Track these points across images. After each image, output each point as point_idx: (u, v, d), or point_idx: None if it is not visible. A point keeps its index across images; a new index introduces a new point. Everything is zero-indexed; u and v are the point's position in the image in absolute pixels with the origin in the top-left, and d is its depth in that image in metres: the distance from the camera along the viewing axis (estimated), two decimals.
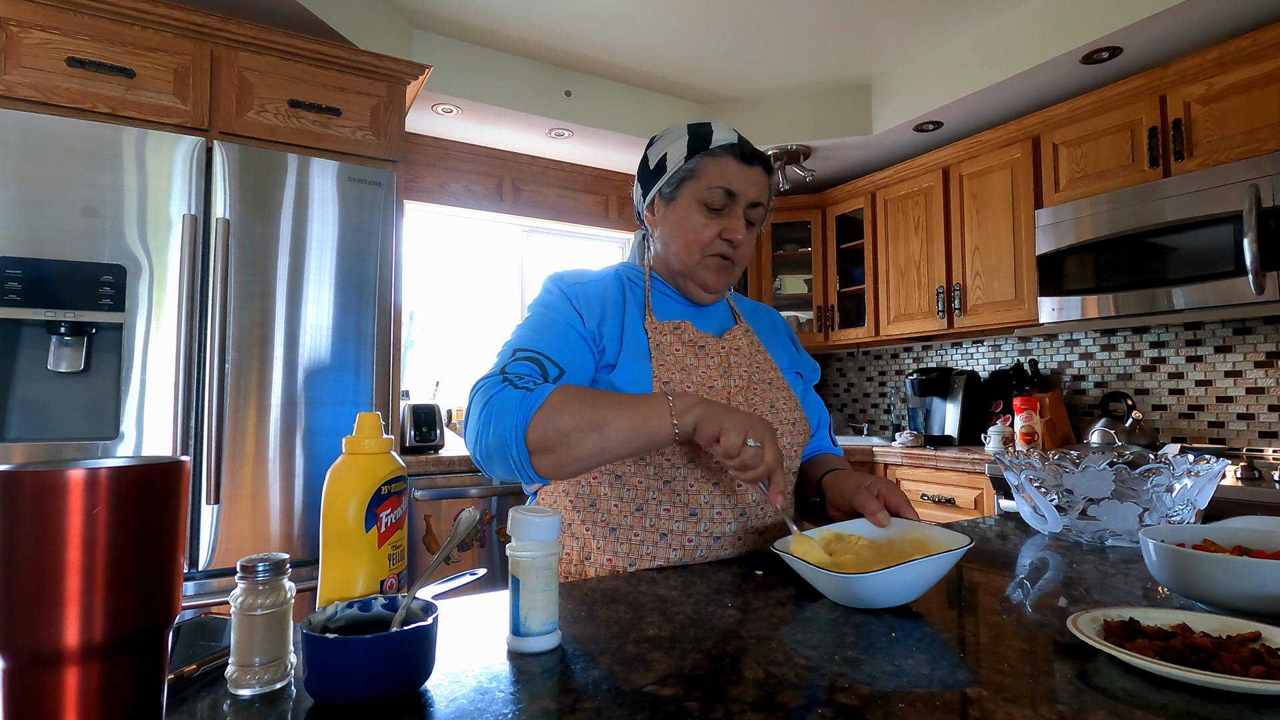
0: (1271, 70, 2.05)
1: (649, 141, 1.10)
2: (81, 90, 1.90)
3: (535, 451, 0.85)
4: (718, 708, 0.50)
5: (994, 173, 2.81)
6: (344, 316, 2.10)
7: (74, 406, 1.78)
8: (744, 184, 1.01)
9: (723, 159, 1.01)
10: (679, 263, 1.04)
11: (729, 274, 1.05)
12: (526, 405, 0.85)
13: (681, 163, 1.03)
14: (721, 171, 1.01)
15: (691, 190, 1.02)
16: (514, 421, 0.84)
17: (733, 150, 1.02)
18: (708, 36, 2.73)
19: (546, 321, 0.98)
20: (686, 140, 1.04)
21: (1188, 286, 2.10)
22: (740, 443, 0.81)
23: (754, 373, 1.05)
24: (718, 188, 1.00)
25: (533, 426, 0.84)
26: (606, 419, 0.84)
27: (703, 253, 1.02)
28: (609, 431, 0.84)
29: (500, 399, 0.86)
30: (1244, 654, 0.53)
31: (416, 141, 2.97)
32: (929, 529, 0.82)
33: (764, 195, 1.04)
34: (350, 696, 0.50)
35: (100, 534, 0.41)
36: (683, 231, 1.03)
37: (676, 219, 1.04)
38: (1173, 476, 0.96)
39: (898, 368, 3.68)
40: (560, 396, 0.86)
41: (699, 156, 1.02)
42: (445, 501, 2.39)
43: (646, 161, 1.08)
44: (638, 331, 1.01)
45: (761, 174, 1.04)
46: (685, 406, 0.84)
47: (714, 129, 1.04)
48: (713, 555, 0.96)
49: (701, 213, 1.02)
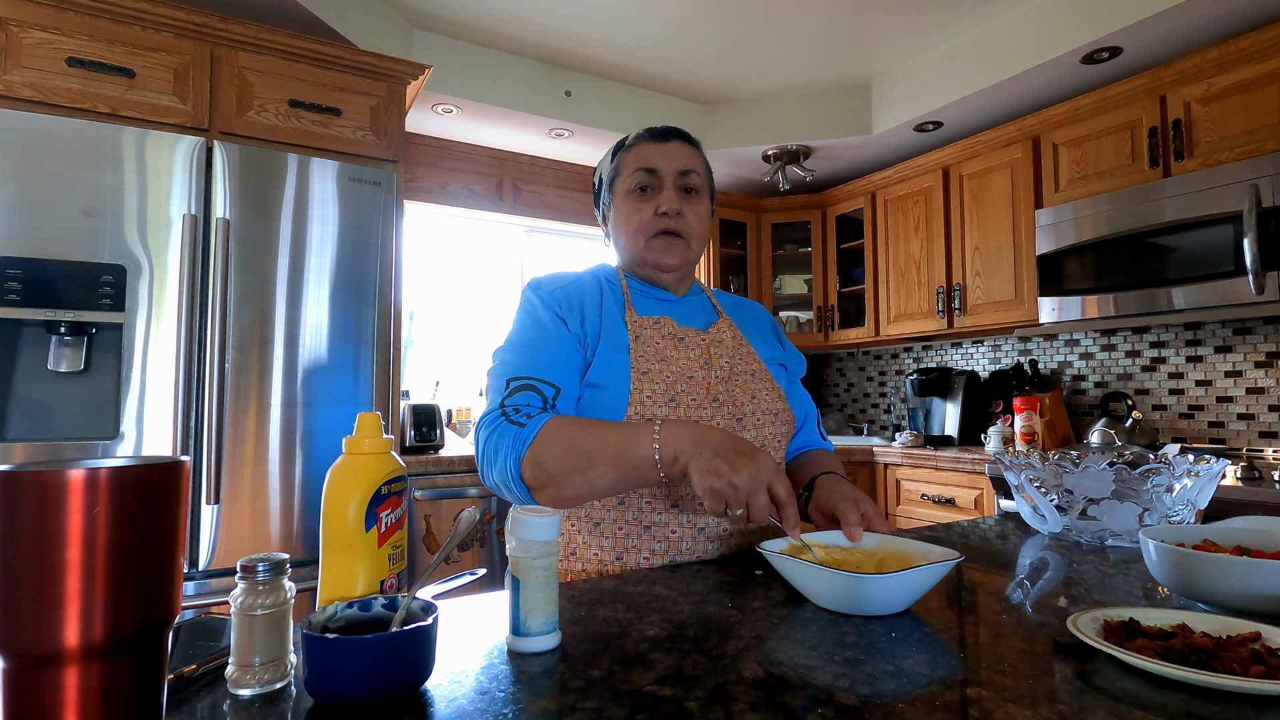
0: (1271, 70, 2.05)
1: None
2: (81, 90, 1.90)
3: (532, 488, 0.88)
4: (718, 708, 0.50)
5: (994, 173, 2.81)
6: (344, 316, 2.10)
7: (74, 406, 1.79)
8: (662, 158, 1.06)
9: (637, 146, 1.08)
10: (629, 254, 1.08)
11: (679, 249, 1.06)
12: (519, 443, 0.88)
13: (608, 168, 1.11)
14: (638, 155, 1.07)
15: (620, 186, 1.08)
16: (505, 464, 0.88)
17: (644, 136, 1.08)
18: (707, 36, 2.73)
19: (534, 339, 0.99)
20: (610, 150, 1.13)
21: (1188, 286, 2.10)
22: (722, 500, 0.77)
23: (736, 364, 1.05)
24: (637, 169, 1.05)
25: (524, 466, 0.88)
26: (593, 459, 0.85)
27: (645, 235, 1.05)
28: (595, 475, 0.85)
29: (497, 437, 0.90)
30: (1244, 654, 0.53)
31: (416, 141, 2.97)
32: (904, 542, 0.80)
33: (692, 163, 1.07)
34: (350, 696, 0.50)
35: (100, 534, 0.41)
36: (623, 224, 1.07)
37: (616, 218, 1.09)
38: (1173, 476, 0.96)
39: (898, 368, 3.68)
40: (549, 433, 0.87)
41: (619, 155, 1.09)
42: (445, 501, 2.39)
43: (594, 186, 1.16)
44: (617, 325, 1.02)
45: (680, 145, 1.08)
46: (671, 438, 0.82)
47: (632, 133, 1.11)
48: (699, 548, 0.96)
49: (633, 200, 1.06)
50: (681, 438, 0.82)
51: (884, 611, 0.69)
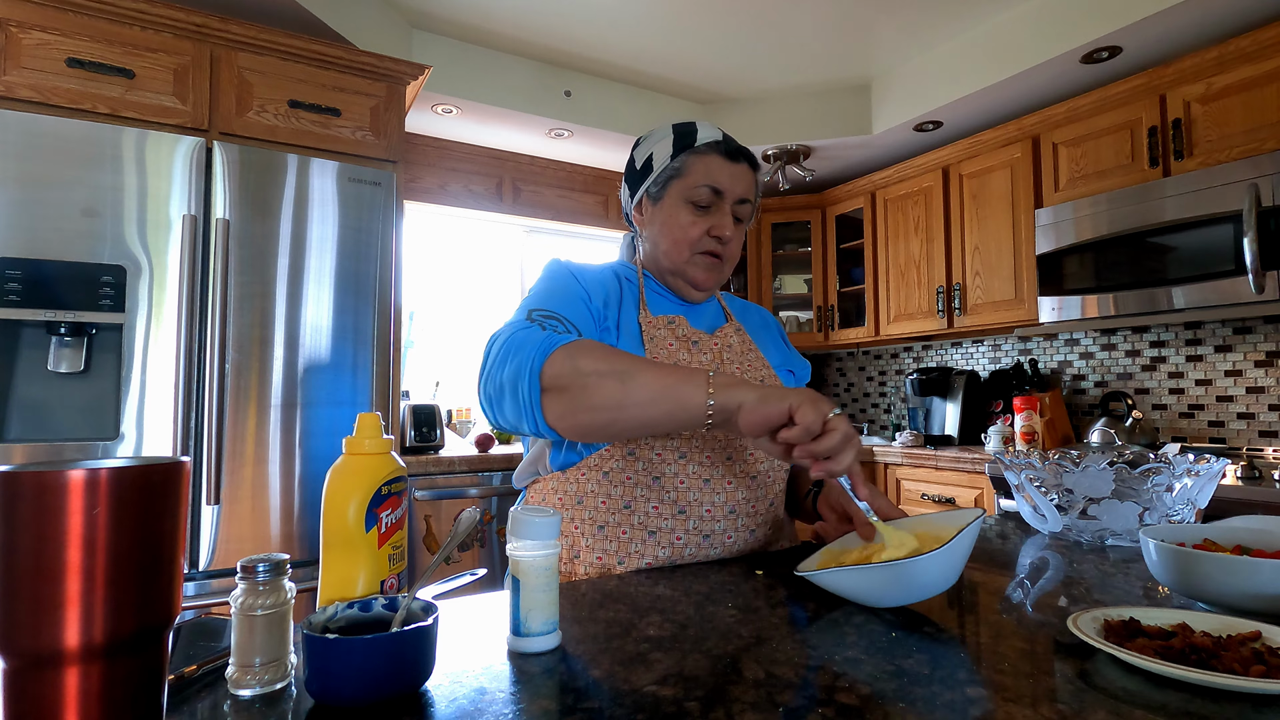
0: (1271, 69, 2.05)
1: (635, 143, 1.10)
2: (81, 91, 1.90)
3: (549, 389, 0.79)
4: (718, 708, 0.50)
5: (994, 172, 2.81)
6: (344, 317, 2.10)
7: (74, 407, 1.78)
8: (730, 181, 1.02)
9: (708, 156, 1.02)
10: (668, 261, 1.05)
11: (718, 271, 1.05)
12: (549, 341, 0.80)
13: (668, 162, 1.03)
14: (707, 169, 1.01)
15: (678, 189, 1.02)
16: (532, 353, 0.80)
17: (718, 148, 1.02)
18: (708, 36, 2.73)
19: (560, 291, 0.97)
20: (672, 139, 1.04)
21: (1188, 286, 2.10)
22: (820, 419, 0.69)
23: (745, 370, 1.05)
24: (704, 185, 1.01)
25: (551, 360, 0.79)
26: (633, 371, 0.77)
27: (692, 250, 1.03)
28: (633, 386, 0.76)
29: (523, 334, 0.83)
30: (1244, 653, 0.53)
31: (416, 141, 2.97)
32: (920, 520, 0.81)
33: (751, 191, 1.04)
34: (350, 697, 0.50)
35: (100, 534, 0.41)
36: (671, 230, 1.03)
37: (664, 218, 1.04)
38: (1173, 476, 0.96)
39: (898, 367, 3.68)
40: (588, 342, 0.82)
41: (684, 155, 1.02)
42: (445, 501, 2.39)
43: (633, 162, 1.09)
44: (632, 324, 1.01)
45: (747, 170, 1.04)
46: (728, 383, 0.74)
47: (699, 127, 1.04)
48: (702, 554, 0.96)
49: (689, 211, 1.02)
50: (736, 382, 0.75)
51: (941, 589, 0.68)
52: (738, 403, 0.73)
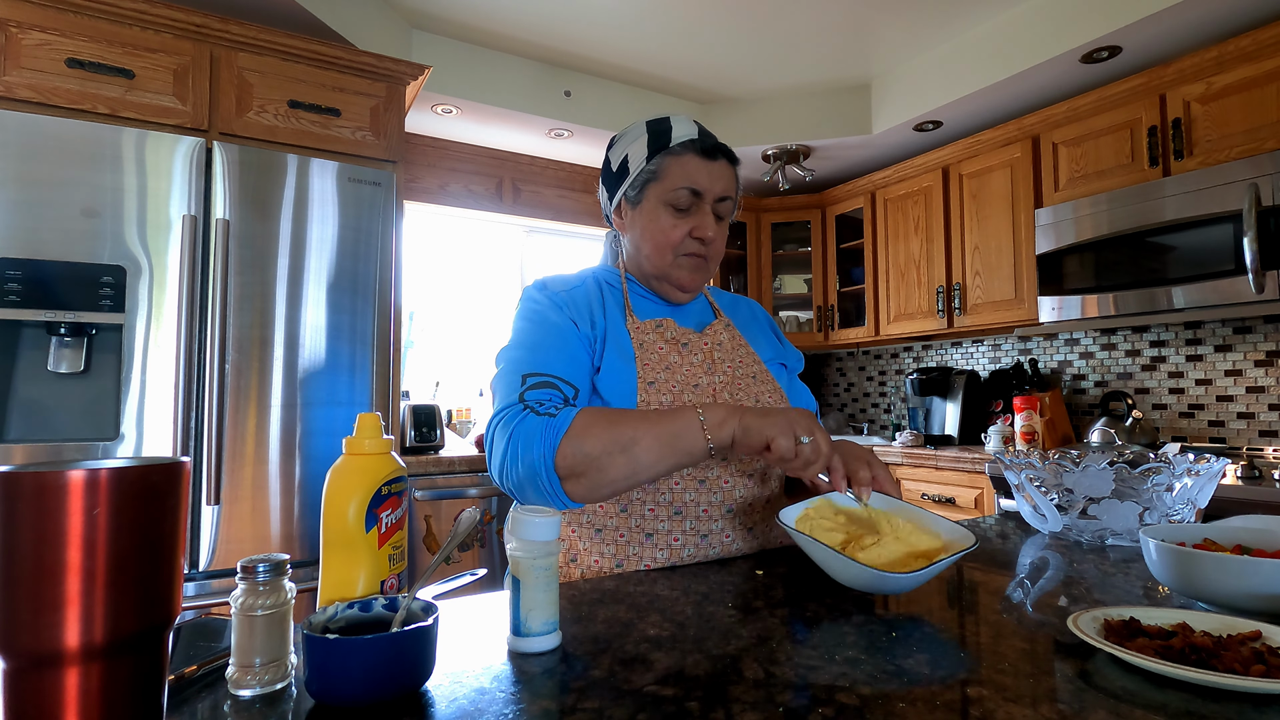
0: (1271, 69, 2.05)
1: (609, 142, 1.08)
2: (81, 91, 1.90)
3: (566, 478, 0.84)
4: (718, 708, 0.50)
5: (994, 172, 2.81)
6: (344, 317, 2.10)
7: (74, 407, 1.78)
8: (709, 180, 1.00)
9: (684, 157, 0.99)
10: (651, 265, 1.03)
11: (703, 271, 1.04)
12: (552, 432, 0.84)
13: (644, 164, 1.01)
14: (685, 170, 0.99)
15: (656, 192, 1.00)
16: (540, 451, 0.83)
17: (694, 146, 1.00)
18: (707, 36, 2.73)
19: (546, 338, 0.95)
20: (646, 139, 1.01)
21: (1187, 286, 2.10)
22: (793, 444, 0.80)
23: (737, 367, 1.05)
24: (683, 188, 0.99)
25: (560, 454, 0.83)
26: (635, 439, 0.83)
27: (675, 253, 1.01)
28: (638, 451, 0.83)
29: (524, 428, 0.85)
30: (1244, 653, 0.53)
31: (416, 142, 2.97)
32: (916, 513, 0.83)
33: (731, 188, 1.02)
34: (351, 697, 0.50)
35: (100, 535, 0.41)
36: (652, 234, 1.01)
37: (644, 222, 1.02)
38: (1173, 475, 0.96)
39: (898, 367, 3.68)
40: (585, 419, 0.85)
41: (660, 156, 1.00)
42: (445, 502, 2.39)
43: (609, 164, 1.06)
44: (620, 332, 1.00)
45: (726, 166, 1.02)
46: (718, 420, 0.84)
47: (673, 124, 1.01)
48: (700, 554, 0.95)
49: (669, 214, 1.00)
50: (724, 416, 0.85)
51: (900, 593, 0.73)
52: (730, 438, 0.84)
